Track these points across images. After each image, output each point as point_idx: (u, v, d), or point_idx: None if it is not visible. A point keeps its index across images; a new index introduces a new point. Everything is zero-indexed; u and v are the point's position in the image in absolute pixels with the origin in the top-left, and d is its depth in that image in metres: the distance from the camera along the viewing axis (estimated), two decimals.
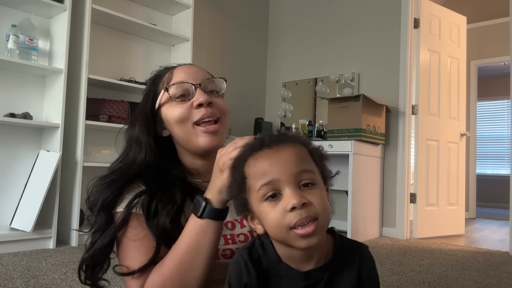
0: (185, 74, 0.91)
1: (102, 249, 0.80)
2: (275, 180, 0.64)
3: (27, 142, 2.67)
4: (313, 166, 0.68)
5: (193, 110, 0.87)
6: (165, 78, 0.92)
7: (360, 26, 3.83)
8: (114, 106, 2.84)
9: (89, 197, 0.85)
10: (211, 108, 0.88)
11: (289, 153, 0.66)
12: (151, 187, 0.84)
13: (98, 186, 0.84)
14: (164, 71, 0.95)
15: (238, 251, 0.71)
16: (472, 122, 5.51)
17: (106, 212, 0.82)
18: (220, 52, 3.99)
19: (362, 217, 3.24)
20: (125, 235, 0.80)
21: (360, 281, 0.68)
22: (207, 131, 0.87)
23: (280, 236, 0.65)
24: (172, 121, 0.89)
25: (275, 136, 0.69)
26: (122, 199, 0.83)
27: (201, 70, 0.95)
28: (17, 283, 1.74)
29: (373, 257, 0.73)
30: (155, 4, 3.32)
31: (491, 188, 7.03)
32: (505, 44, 4.50)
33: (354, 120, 3.19)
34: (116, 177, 0.84)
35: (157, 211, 0.80)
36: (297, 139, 0.70)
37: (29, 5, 2.59)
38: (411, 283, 2.00)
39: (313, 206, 0.63)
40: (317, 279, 0.67)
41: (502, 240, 3.61)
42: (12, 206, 2.53)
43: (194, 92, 0.88)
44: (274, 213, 0.63)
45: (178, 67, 0.94)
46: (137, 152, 0.89)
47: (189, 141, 0.88)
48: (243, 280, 0.66)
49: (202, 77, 0.91)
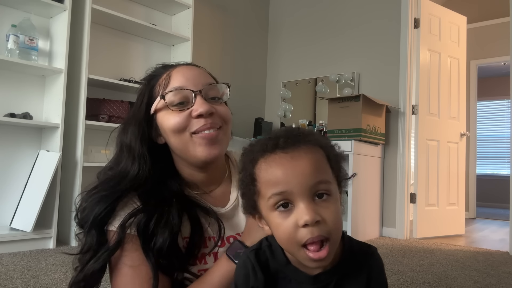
0: (184, 79, 0.82)
1: (94, 274, 0.74)
2: (289, 191, 0.59)
3: (27, 142, 2.67)
4: (330, 175, 0.63)
5: (192, 119, 0.79)
6: (162, 81, 0.83)
7: (360, 26, 3.83)
8: (114, 106, 2.84)
9: (78, 213, 0.77)
10: (212, 118, 0.80)
11: (305, 161, 0.60)
12: (146, 205, 0.77)
13: (87, 202, 0.76)
14: (161, 71, 0.86)
15: (244, 252, 0.69)
16: (472, 122, 5.50)
17: (98, 230, 0.74)
18: (220, 52, 3.99)
19: (362, 217, 3.24)
20: (120, 260, 0.75)
21: (369, 283, 0.67)
22: (205, 138, 0.79)
23: (290, 251, 0.63)
24: (168, 130, 0.81)
25: (291, 137, 0.63)
26: (115, 216, 0.76)
27: (202, 72, 0.86)
28: (17, 283, 1.74)
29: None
30: (155, 4, 3.31)
31: (491, 188, 7.03)
32: (505, 44, 4.50)
33: (354, 120, 3.19)
34: (106, 193, 0.76)
35: (153, 235, 0.74)
36: (314, 140, 0.64)
37: (29, 5, 2.59)
38: (411, 283, 2.00)
39: (327, 224, 0.59)
40: (325, 282, 0.65)
41: (502, 240, 3.61)
42: (12, 206, 2.53)
43: (193, 100, 0.80)
44: (285, 226, 0.59)
45: (176, 68, 0.85)
46: (130, 164, 0.81)
47: (187, 151, 0.81)
48: (250, 283, 0.64)
49: (203, 82, 0.82)
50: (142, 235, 0.74)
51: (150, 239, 0.74)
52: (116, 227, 0.75)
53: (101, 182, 0.80)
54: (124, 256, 0.75)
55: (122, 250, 0.75)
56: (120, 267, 0.75)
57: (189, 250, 0.78)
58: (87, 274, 0.74)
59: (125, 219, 0.74)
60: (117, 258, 0.75)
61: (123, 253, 0.75)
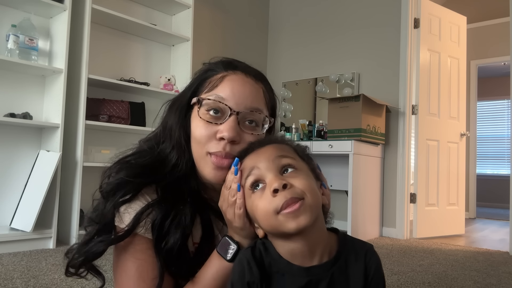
0: (231, 92, 0.77)
1: (95, 254, 0.74)
2: (256, 168, 0.68)
3: (27, 142, 2.67)
4: (295, 155, 0.71)
5: (213, 138, 0.76)
6: (214, 80, 0.80)
7: (360, 26, 3.83)
8: (114, 106, 2.84)
9: (103, 183, 0.77)
10: (232, 147, 0.75)
11: (269, 146, 0.71)
12: (164, 200, 0.75)
13: (118, 173, 0.76)
14: (220, 68, 0.82)
15: (241, 251, 0.71)
16: (472, 122, 5.51)
17: (113, 209, 0.74)
18: (220, 52, 3.98)
19: (362, 217, 3.24)
20: (127, 254, 0.74)
21: (367, 280, 0.68)
22: (215, 163, 0.76)
23: (270, 224, 0.65)
24: (192, 135, 0.79)
25: (258, 141, 0.75)
26: (130, 201, 0.75)
27: (255, 93, 0.80)
28: (17, 283, 1.74)
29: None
30: (155, 4, 3.31)
31: (491, 188, 7.03)
32: (505, 44, 4.50)
33: (354, 120, 3.19)
34: (139, 181, 0.75)
35: (167, 233, 0.73)
36: (279, 139, 0.74)
37: (29, 5, 2.59)
38: (411, 283, 2.00)
39: (296, 187, 0.64)
40: (320, 276, 0.66)
41: (502, 240, 3.61)
42: (12, 206, 2.53)
43: (226, 118, 0.75)
44: (261, 202, 0.66)
45: (233, 75, 0.80)
46: (169, 148, 0.80)
47: (198, 164, 0.79)
48: (246, 279, 0.66)
49: (248, 105, 0.77)
50: (156, 232, 0.73)
51: (162, 237, 0.73)
52: (130, 215, 0.73)
53: (138, 154, 0.80)
54: (132, 253, 0.74)
55: (131, 245, 0.73)
56: (126, 263, 0.74)
57: (197, 257, 0.77)
58: (87, 251, 0.73)
59: (140, 211, 0.73)
60: (124, 252, 0.74)
61: (131, 248, 0.74)
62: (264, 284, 0.66)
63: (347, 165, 3.19)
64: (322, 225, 0.69)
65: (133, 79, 3.07)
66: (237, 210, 0.70)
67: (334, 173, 3.52)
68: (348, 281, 0.67)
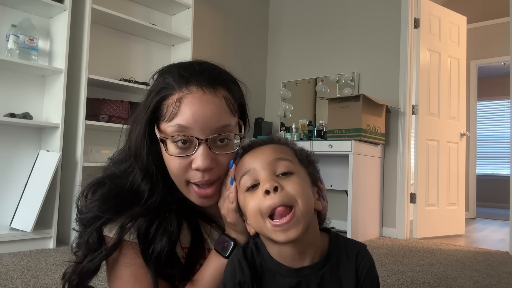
0: (192, 119, 0.70)
1: (89, 273, 0.75)
2: (252, 169, 0.67)
3: (27, 142, 2.67)
4: (293, 158, 0.70)
5: (189, 168, 0.73)
6: (171, 104, 0.72)
7: (360, 26, 3.83)
8: (114, 106, 2.84)
9: (80, 211, 0.79)
10: (210, 173, 0.73)
11: (268, 147, 0.71)
12: (147, 209, 0.75)
13: (91, 205, 0.77)
14: (173, 86, 0.74)
15: (234, 251, 0.71)
16: (472, 122, 5.51)
17: (97, 232, 0.75)
18: (220, 52, 3.99)
19: (362, 217, 3.24)
20: (119, 263, 0.75)
21: (359, 281, 0.67)
22: (198, 193, 0.75)
23: (259, 226, 0.65)
24: (168, 167, 0.76)
25: (260, 140, 0.75)
26: (115, 219, 0.75)
27: (217, 108, 0.72)
28: (17, 283, 1.74)
29: (372, 257, 0.72)
30: (155, 4, 3.31)
31: (491, 188, 7.03)
32: (505, 44, 4.50)
33: (354, 120, 3.19)
34: (112, 206, 0.76)
35: (152, 241, 0.74)
36: (282, 141, 0.74)
37: (29, 5, 2.59)
38: (411, 283, 2.00)
39: (288, 192, 0.63)
40: (310, 276, 0.66)
41: (502, 240, 3.61)
42: (12, 206, 2.53)
43: (196, 148, 0.72)
44: (252, 201, 0.65)
45: (188, 97, 0.72)
46: (139, 175, 0.77)
47: (182, 191, 0.77)
48: (237, 278, 0.66)
49: (214, 126, 0.72)
50: (142, 240, 0.74)
51: (149, 245, 0.74)
52: (115, 230, 0.74)
53: (112, 181, 0.80)
54: (123, 260, 0.74)
55: (121, 253, 0.74)
56: (119, 271, 0.75)
57: (188, 262, 0.78)
58: (82, 271, 0.74)
59: (125, 222, 0.74)
60: (115, 262, 0.75)
61: (122, 256, 0.74)
62: (255, 284, 0.66)
63: (347, 165, 3.19)
64: (314, 228, 0.69)
65: (133, 79, 3.07)
66: (229, 205, 0.71)
67: (334, 173, 3.52)
68: (340, 282, 0.67)
